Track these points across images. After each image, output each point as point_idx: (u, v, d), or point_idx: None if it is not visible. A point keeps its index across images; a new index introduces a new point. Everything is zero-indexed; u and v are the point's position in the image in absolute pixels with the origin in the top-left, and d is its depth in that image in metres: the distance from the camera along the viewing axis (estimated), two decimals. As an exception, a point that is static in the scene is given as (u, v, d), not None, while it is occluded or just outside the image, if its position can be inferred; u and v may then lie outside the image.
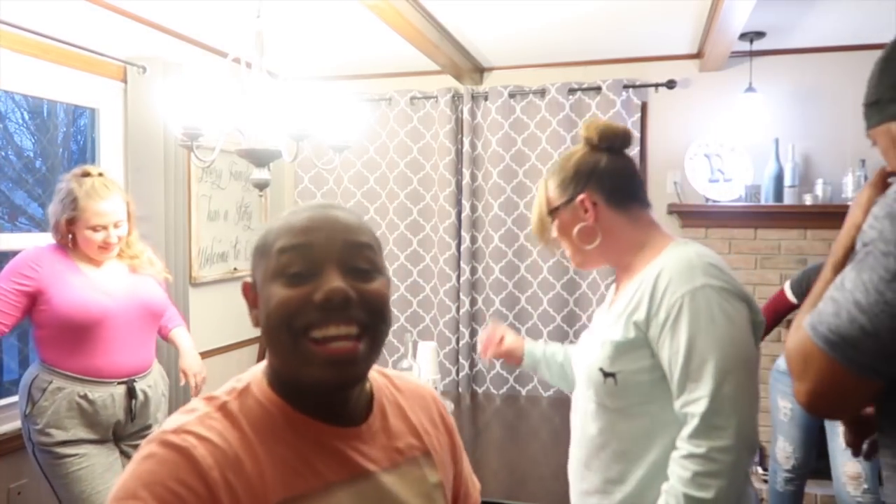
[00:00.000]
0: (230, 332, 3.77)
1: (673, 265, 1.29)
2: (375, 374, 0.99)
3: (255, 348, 3.99)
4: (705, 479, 1.18)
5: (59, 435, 2.09)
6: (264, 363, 0.92)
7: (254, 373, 0.91)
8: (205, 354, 3.53)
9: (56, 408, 2.09)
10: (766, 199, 3.56)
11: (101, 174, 2.22)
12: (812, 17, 3.09)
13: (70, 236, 2.19)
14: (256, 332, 3.98)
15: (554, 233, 1.46)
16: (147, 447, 0.81)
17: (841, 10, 3.00)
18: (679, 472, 1.21)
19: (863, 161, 3.46)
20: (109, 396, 2.18)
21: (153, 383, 2.33)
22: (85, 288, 2.16)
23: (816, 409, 0.99)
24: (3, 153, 2.74)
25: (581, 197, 1.39)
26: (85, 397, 2.13)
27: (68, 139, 3.03)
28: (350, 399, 0.90)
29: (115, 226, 2.20)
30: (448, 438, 1.05)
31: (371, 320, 0.86)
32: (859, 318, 0.87)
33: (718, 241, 3.62)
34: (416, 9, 2.85)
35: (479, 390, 3.90)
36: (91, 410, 2.14)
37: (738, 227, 3.58)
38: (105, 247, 2.19)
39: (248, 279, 0.92)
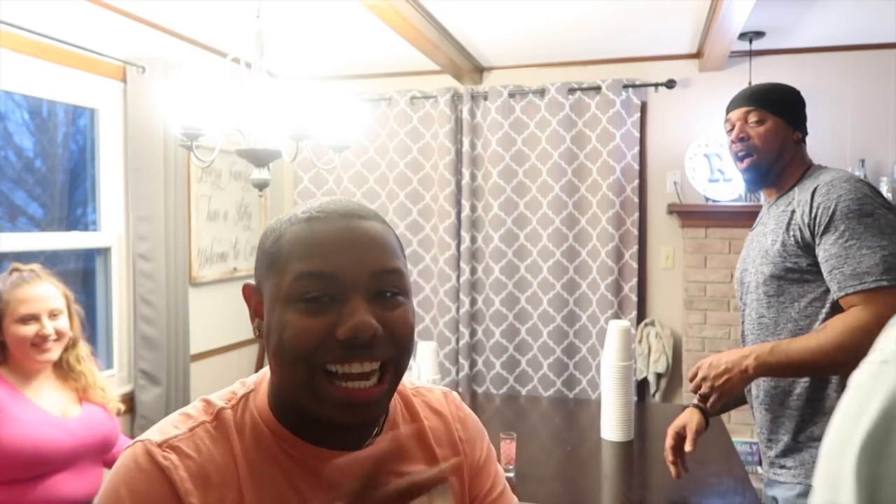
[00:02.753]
0: (230, 333, 3.77)
1: None
2: (399, 390, 0.92)
3: (254, 348, 3.99)
4: None
5: None
6: (267, 373, 0.85)
7: (258, 381, 0.85)
8: (204, 355, 3.54)
9: None
10: (765, 198, 3.56)
11: (31, 269, 1.89)
12: (812, 17, 3.09)
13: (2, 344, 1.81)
14: (256, 332, 3.99)
15: None
16: (132, 455, 0.77)
17: (841, 10, 3.00)
18: None
19: (862, 161, 3.47)
20: None
21: None
22: (36, 423, 1.77)
23: None
24: (2, 153, 2.74)
25: None
26: None
27: (68, 139, 3.03)
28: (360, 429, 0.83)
29: (51, 316, 1.83)
30: (472, 463, 0.95)
31: (396, 354, 0.78)
32: None
33: (718, 240, 3.63)
34: (416, 9, 2.85)
35: (479, 390, 3.90)
36: None
37: (738, 227, 3.57)
38: (39, 343, 1.80)
39: (250, 281, 0.84)
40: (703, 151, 3.65)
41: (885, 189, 3.44)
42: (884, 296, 1.33)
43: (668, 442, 1.71)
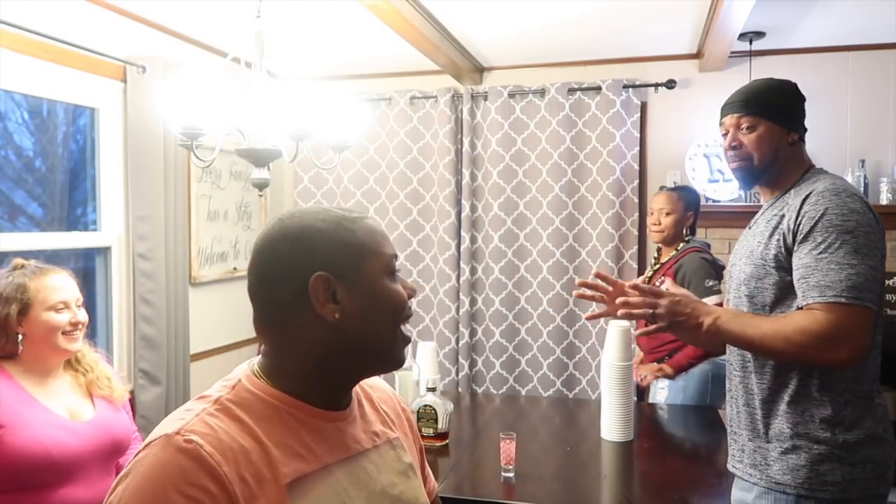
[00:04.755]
0: (229, 332, 3.77)
1: None
2: None
3: (254, 348, 3.99)
4: None
5: None
6: (247, 364, 0.99)
7: (239, 372, 0.98)
8: (204, 354, 3.54)
9: None
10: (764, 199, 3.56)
11: (35, 263, 1.84)
12: (811, 17, 3.09)
13: (20, 337, 1.74)
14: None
15: None
16: (150, 452, 0.82)
17: (840, 10, 3.00)
18: None
19: (862, 161, 3.47)
20: None
21: None
22: (46, 427, 1.70)
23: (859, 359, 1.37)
24: (2, 153, 2.74)
25: None
26: None
27: (68, 139, 3.03)
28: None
29: (77, 305, 1.83)
30: (411, 432, 1.16)
31: None
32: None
33: (718, 240, 3.63)
34: (416, 9, 2.85)
35: (479, 390, 3.90)
36: None
37: (738, 227, 3.57)
38: (71, 331, 1.78)
39: (320, 273, 0.92)
40: (702, 152, 3.65)
41: (885, 189, 3.45)
42: (841, 311, 1.36)
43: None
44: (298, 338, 0.93)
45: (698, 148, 3.63)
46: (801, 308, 1.43)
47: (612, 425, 2.24)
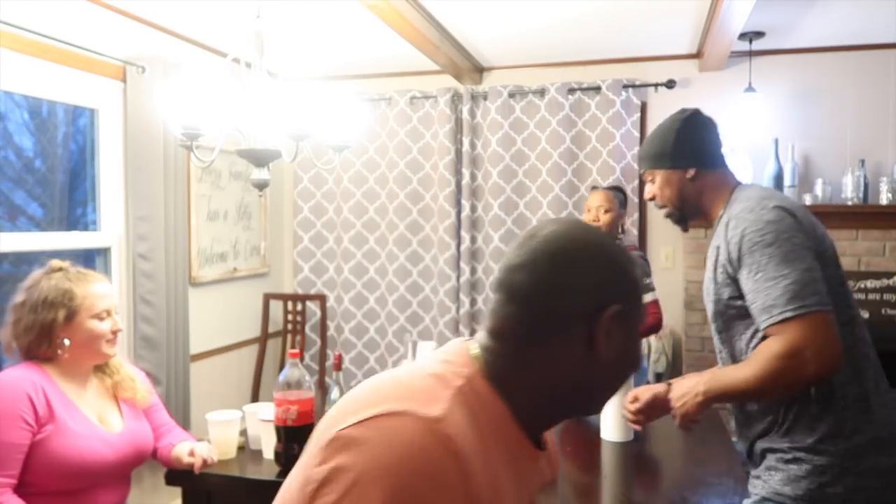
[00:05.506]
0: (229, 333, 3.77)
1: None
2: None
3: (254, 348, 3.99)
4: None
5: None
6: (463, 345, 0.86)
7: (463, 357, 0.84)
8: (204, 355, 3.54)
9: None
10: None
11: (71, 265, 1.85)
12: (811, 17, 3.09)
13: (66, 342, 1.74)
14: (255, 333, 4.00)
15: None
16: (401, 428, 0.72)
17: (840, 10, 3.00)
18: None
19: (862, 161, 3.47)
20: None
21: None
22: (85, 435, 1.72)
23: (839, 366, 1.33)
24: (2, 153, 2.74)
25: None
26: None
27: (68, 139, 3.03)
28: None
29: (116, 311, 1.85)
30: None
31: None
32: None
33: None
34: (416, 9, 2.85)
35: (479, 390, 3.90)
36: None
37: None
38: (113, 338, 1.81)
39: (619, 308, 0.81)
40: (703, 151, 3.64)
41: (884, 189, 3.44)
42: (792, 325, 1.34)
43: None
44: (553, 361, 0.81)
45: (698, 148, 3.63)
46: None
47: (612, 425, 2.24)
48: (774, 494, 1.45)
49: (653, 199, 1.67)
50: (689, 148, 1.62)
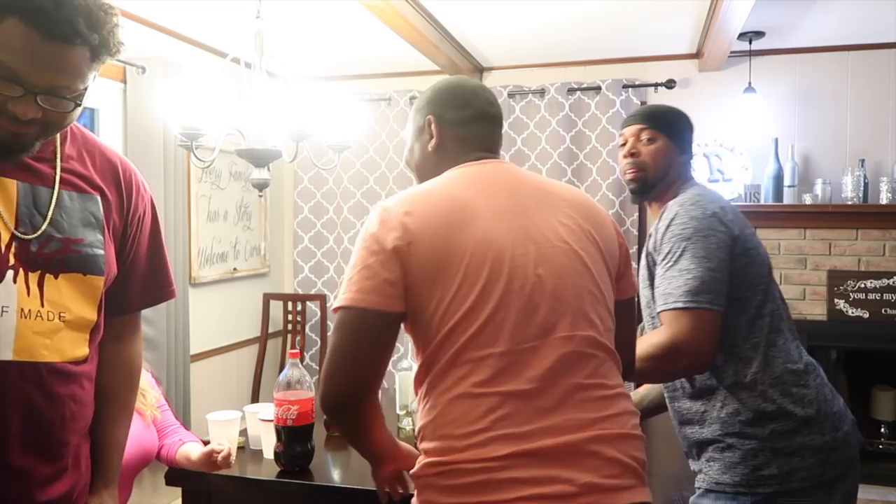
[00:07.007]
0: (229, 333, 3.77)
1: None
2: None
3: (254, 348, 3.99)
4: None
5: None
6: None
7: None
8: (204, 355, 3.54)
9: None
10: (765, 198, 3.56)
11: None
12: (811, 17, 3.09)
13: None
14: (255, 333, 4.00)
15: None
16: None
17: (840, 10, 3.00)
18: None
19: (862, 161, 3.47)
20: None
21: None
22: None
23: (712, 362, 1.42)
24: (2, 153, 2.74)
25: None
26: None
27: (68, 139, 3.04)
28: None
29: None
30: None
31: None
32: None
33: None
34: (415, 9, 2.85)
35: (479, 390, 3.90)
36: None
37: (738, 227, 3.57)
38: None
39: None
40: (702, 151, 3.65)
41: (884, 189, 3.44)
42: (680, 317, 1.41)
43: None
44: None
45: (698, 148, 3.63)
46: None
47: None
48: (714, 485, 1.48)
49: (635, 154, 1.68)
50: (690, 141, 1.73)
